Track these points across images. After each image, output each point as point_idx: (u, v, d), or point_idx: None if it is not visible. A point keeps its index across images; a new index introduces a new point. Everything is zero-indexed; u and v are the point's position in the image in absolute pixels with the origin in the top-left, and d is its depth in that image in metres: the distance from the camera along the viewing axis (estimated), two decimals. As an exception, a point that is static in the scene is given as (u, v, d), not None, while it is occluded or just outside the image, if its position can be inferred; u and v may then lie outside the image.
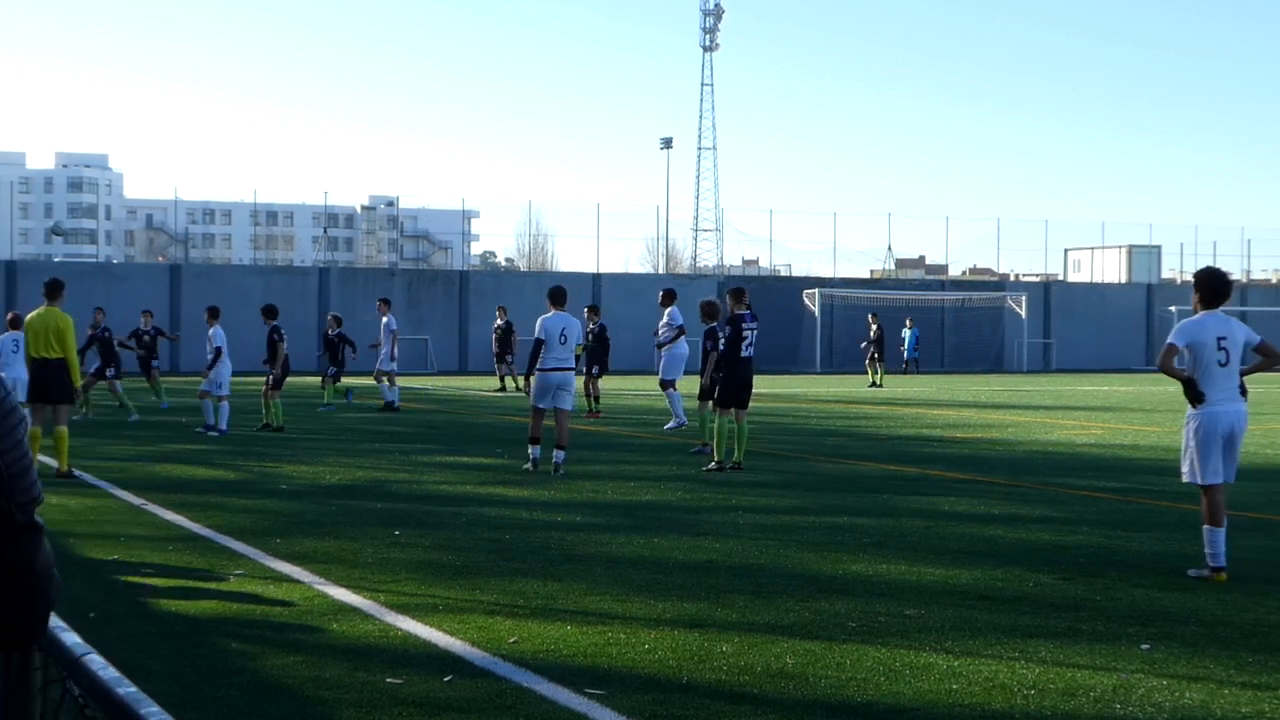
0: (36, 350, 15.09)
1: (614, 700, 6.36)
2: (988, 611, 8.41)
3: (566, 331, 16.23)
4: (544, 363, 16.26)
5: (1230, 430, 9.64)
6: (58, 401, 15.15)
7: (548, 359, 16.23)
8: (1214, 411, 9.61)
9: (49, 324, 15.07)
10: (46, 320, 15.11)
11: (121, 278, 49.24)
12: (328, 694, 6.47)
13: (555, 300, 16.53)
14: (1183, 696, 6.51)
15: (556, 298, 16.57)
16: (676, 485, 14.85)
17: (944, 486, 14.97)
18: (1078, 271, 72.70)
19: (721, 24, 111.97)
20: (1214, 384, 9.61)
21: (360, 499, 13.65)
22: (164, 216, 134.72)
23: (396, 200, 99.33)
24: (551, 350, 16.19)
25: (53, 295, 15.32)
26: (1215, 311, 9.76)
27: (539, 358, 16.26)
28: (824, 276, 60.05)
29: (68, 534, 11.41)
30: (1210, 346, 9.58)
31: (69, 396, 15.17)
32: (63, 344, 15.04)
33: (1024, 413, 28.34)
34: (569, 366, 16.35)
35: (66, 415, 15.34)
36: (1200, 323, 9.69)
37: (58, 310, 15.19)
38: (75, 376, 15.16)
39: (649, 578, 9.40)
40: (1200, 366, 9.61)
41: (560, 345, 16.19)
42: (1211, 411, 9.61)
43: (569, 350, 16.31)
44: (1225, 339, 9.62)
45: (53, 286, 15.40)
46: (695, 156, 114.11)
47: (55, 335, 15.01)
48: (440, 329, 50.41)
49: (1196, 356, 9.61)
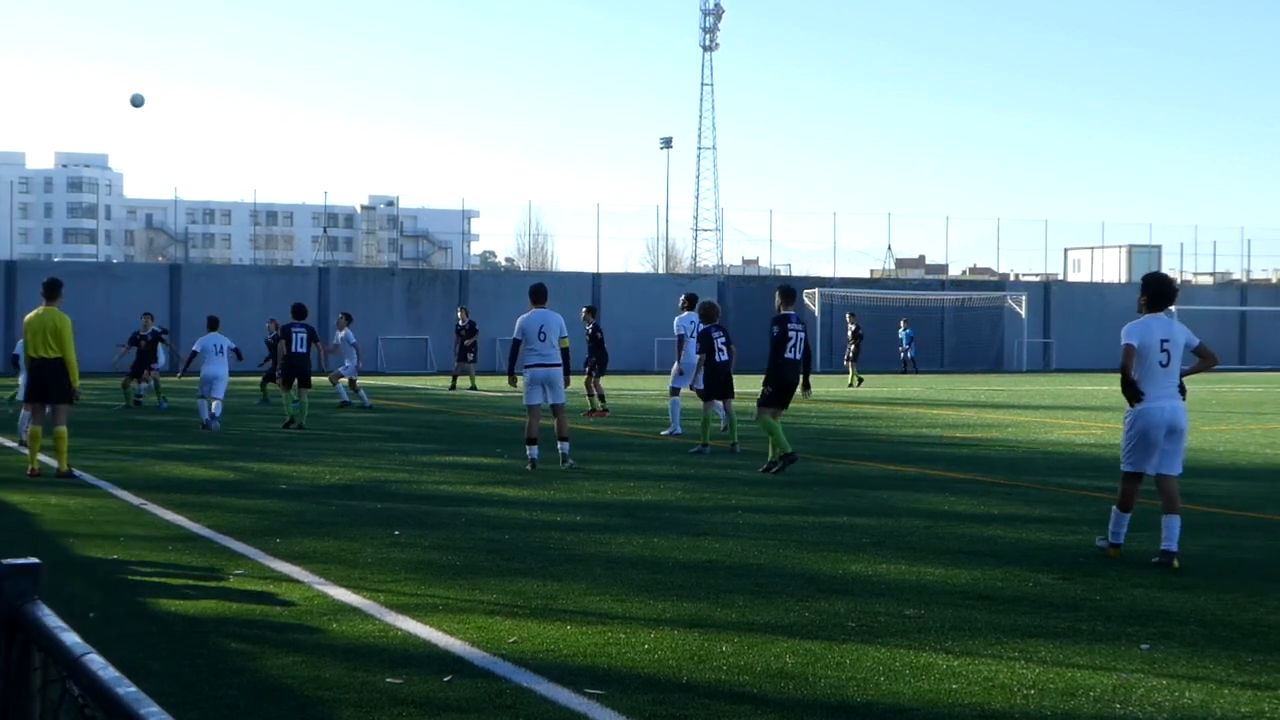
0: (35, 350, 15.12)
1: (614, 700, 6.36)
2: (987, 611, 8.41)
3: (545, 328, 16.24)
4: (527, 359, 16.32)
5: (1169, 425, 10.15)
6: (56, 401, 15.19)
7: (530, 356, 16.30)
8: (1153, 408, 10.13)
9: (47, 324, 15.09)
10: (45, 320, 15.12)
11: (121, 278, 49.25)
12: (327, 694, 6.47)
13: (535, 298, 16.56)
14: (1182, 696, 6.51)
15: (536, 296, 16.60)
16: (676, 485, 14.85)
17: (944, 486, 14.97)
18: (1077, 271, 72.72)
19: (721, 24, 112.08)
20: (1155, 382, 10.13)
21: (360, 499, 13.65)
22: (164, 216, 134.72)
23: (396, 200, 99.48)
24: (532, 347, 16.25)
25: (51, 295, 15.33)
26: (1159, 314, 10.27)
27: (518, 357, 16.34)
28: (824, 276, 60.03)
29: (68, 534, 11.42)
30: (1154, 347, 10.09)
31: (67, 396, 15.18)
32: (60, 344, 15.05)
33: (1024, 413, 28.35)
34: (553, 362, 16.32)
35: (65, 415, 15.36)
36: (1146, 324, 10.19)
37: (56, 310, 15.21)
38: (74, 376, 15.16)
39: (649, 578, 9.40)
40: (1144, 366, 10.12)
41: (540, 342, 16.22)
42: (1151, 408, 10.13)
43: (550, 346, 16.28)
44: (1168, 340, 10.12)
45: (51, 286, 15.42)
46: (695, 156, 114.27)
47: (53, 335, 15.03)
48: (440, 329, 50.32)
49: (1141, 356, 10.12)
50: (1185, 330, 10.33)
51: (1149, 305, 10.28)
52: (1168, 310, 10.40)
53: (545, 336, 16.23)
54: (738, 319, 50.21)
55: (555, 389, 16.36)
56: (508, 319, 50.51)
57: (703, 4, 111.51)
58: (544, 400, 16.34)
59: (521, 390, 16.51)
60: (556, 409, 16.38)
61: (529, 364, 16.29)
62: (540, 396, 16.30)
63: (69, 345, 15.11)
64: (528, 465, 16.16)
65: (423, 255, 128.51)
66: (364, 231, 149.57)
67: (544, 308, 16.47)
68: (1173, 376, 10.19)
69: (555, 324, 16.39)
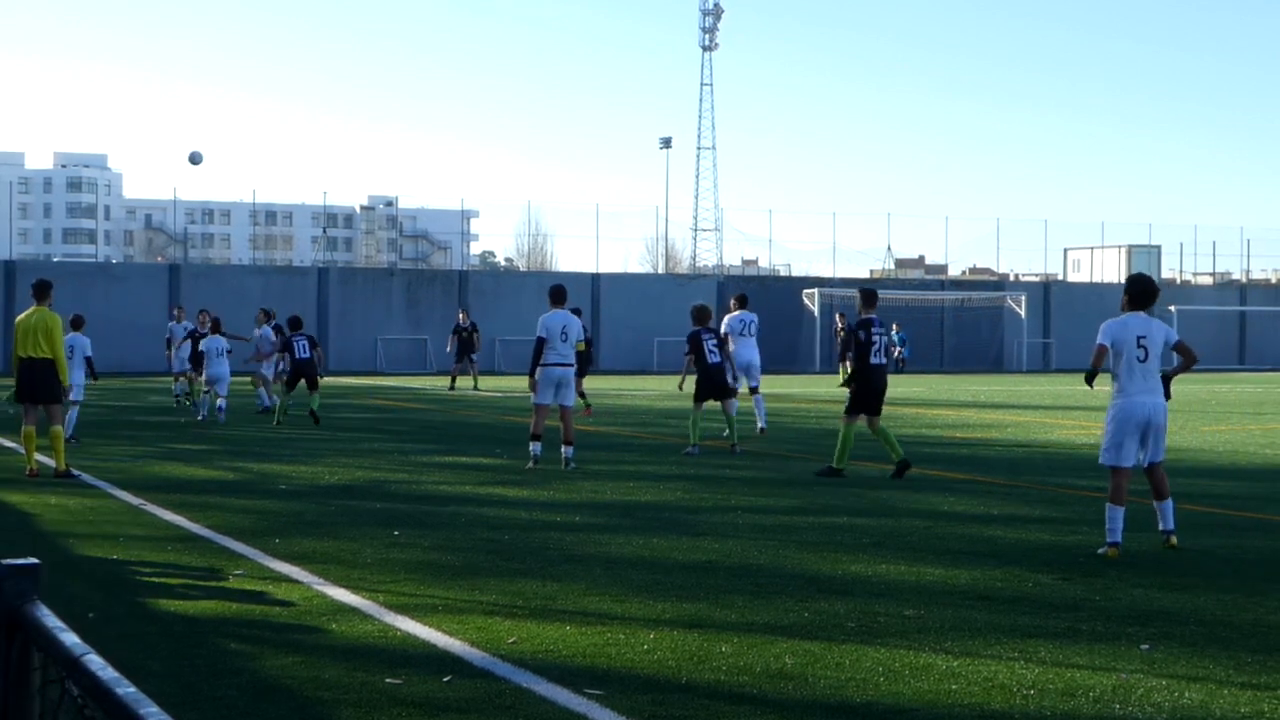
0: (24, 350, 15.09)
1: (613, 700, 6.36)
2: (987, 612, 8.41)
3: (567, 329, 16.44)
4: (545, 358, 16.42)
5: (1146, 419, 10.54)
6: (45, 401, 15.21)
7: (549, 355, 16.42)
8: (1131, 402, 10.55)
9: (38, 324, 15.09)
10: (36, 321, 15.12)
11: (120, 278, 49.24)
12: (327, 694, 6.47)
13: (555, 299, 16.75)
14: (1182, 697, 6.51)
15: (556, 296, 16.79)
16: (675, 485, 14.85)
17: (944, 486, 14.97)
18: (1077, 271, 72.70)
19: (721, 23, 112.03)
20: (1133, 377, 10.56)
21: (359, 499, 13.65)
22: (163, 216, 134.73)
23: (396, 200, 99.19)
24: (552, 346, 16.38)
25: (41, 296, 15.34)
26: (1138, 313, 10.72)
27: (541, 355, 16.41)
28: (823, 276, 60.05)
29: (67, 534, 11.42)
30: (1131, 344, 10.54)
31: (56, 396, 15.22)
32: (50, 344, 15.06)
33: (1023, 413, 28.35)
34: (569, 363, 16.53)
35: (60, 415, 15.38)
36: (1123, 322, 10.66)
37: (46, 310, 15.22)
38: (63, 376, 15.22)
39: (648, 578, 9.40)
40: (1121, 361, 10.56)
41: (561, 342, 16.38)
42: (1129, 402, 10.56)
43: (569, 347, 16.49)
44: (1145, 338, 10.58)
45: (40, 287, 15.43)
46: (695, 156, 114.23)
47: (44, 335, 15.04)
48: (439, 329, 50.27)
49: (1118, 352, 10.56)
50: (1165, 328, 10.80)
51: (1130, 304, 10.74)
52: (1149, 310, 10.81)
53: (566, 337, 16.47)
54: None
55: (566, 391, 16.55)
56: (508, 319, 50.99)
57: (702, 4, 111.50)
58: (553, 400, 16.45)
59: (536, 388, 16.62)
60: (564, 411, 16.54)
61: (547, 362, 16.45)
62: (550, 396, 16.44)
63: (59, 345, 15.14)
64: (529, 463, 16.19)
65: (422, 255, 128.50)
66: (363, 232, 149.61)
67: (564, 308, 16.72)
68: (1151, 372, 10.57)
69: (576, 326, 16.73)
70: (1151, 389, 10.53)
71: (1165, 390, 10.66)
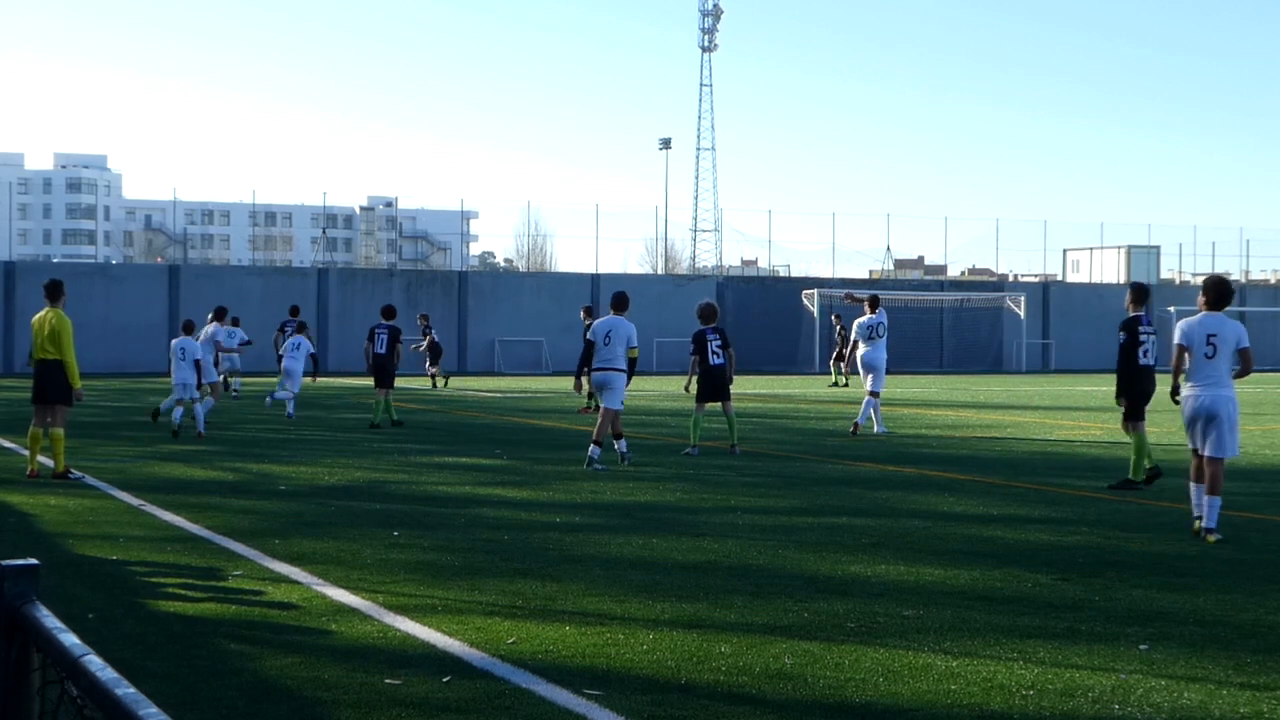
0: (37, 352, 15.17)
1: (612, 701, 6.36)
2: (986, 612, 8.41)
3: (611, 334, 17.11)
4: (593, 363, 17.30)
5: (1207, 411, 11.17)
6: (54, 402, 15.21)
7: (594, 359, 17.22)
8: (1193, 395, 11.28)
9: (46, 326, 15.09)
10: (45, 323, 15.12)
11: (120, 279, 49.23)
12: (326, 695, 6.47)
13: (614, 306, 17.54)
14: (1181, 697, 6.51)
15: (616, 303, 17.58)
16: (675, 486, 14.85)
17: (943, 487, 14.97)
18: (1076, 272, 72.67)
19: (720, 24, 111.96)
20: (1198, 372, 11.29)
21: (359, 500, 13.65)
22: (163, 217, 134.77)
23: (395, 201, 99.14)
24: (597, 350, 17.16)
25: (53, 297, 15.32)
26: (1215, 313, 11.40)
27: (590, 359, 17.26)
28: (823, 277, 60.03)
29: (67, 534, 11.42)
30: (1200, 341, 11.28)
31: (65, 398, 15.19)
32: (59, 346, 15.05)
33: (1023, 413, 28.35)
34: (609, 367, 17.17)
35: (63, 416, 15.37)
36: (1199, 321, 11.41)
37: (58, 312, 15.18)
38: (74, 378, 15.16)
39: (647, 578, 9.40)
40: (1191, 357, 11.35)
41: (605, 346, 17.12)
42: (1189, 395, 11.30)
43: (612, 351, 17.10)
44: (1215, 336, 11.27)
45: (53, 288, 15.38)
46: (694, 157, 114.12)
47: (52, 337, 15.02)
48: (439, 329, 50.18)
49: (1189, 349, 11.35)
50: (1238, 330, 11.41)
51: (1207, 305, 11.44)
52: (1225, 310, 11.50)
53: (610, 341, 17.07)
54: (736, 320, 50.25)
55: (605, 393, 17.24)
56: (507, 319, 51.03)
57: (702, 4, 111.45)
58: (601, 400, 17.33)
59: (585, 391, 17.45)
60: (603, 411, 17.20)
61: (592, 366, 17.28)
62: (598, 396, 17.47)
63: (68, 348, 15.09)
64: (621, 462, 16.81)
65: (422, 256, 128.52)
66: (363, 232, 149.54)
67: (622, 315, 17.31)
68: (1217, 368, 11.24)
69: (623, 331, 17.20)
70: (1216, 382, 11.20)
71: None
